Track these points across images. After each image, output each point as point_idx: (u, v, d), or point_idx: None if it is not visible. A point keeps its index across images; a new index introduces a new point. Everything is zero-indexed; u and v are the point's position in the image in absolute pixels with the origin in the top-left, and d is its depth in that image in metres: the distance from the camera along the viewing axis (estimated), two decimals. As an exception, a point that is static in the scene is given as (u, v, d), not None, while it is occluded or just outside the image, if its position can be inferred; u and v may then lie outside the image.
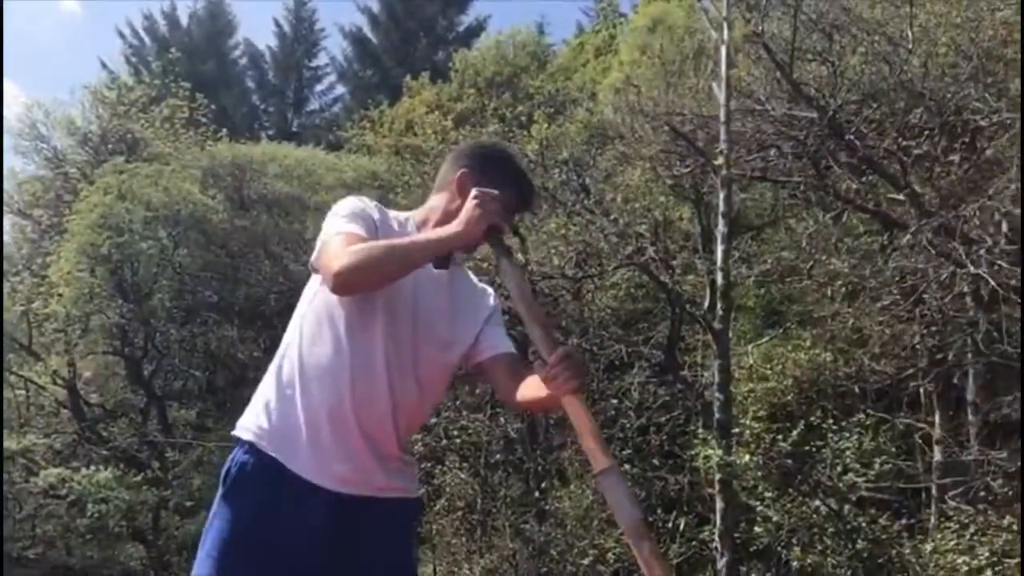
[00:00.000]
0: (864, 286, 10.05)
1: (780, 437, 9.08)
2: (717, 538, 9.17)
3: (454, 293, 2.02)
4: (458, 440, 12.83)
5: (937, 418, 13.54)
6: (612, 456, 1.77)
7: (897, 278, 9.78)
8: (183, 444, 18.66)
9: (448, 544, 12.98)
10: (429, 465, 12.52)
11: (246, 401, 2.05)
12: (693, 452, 10.23)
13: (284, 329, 2.14)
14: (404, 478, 1.97)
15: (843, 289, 10.35)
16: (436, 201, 2.08)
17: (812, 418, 9.29)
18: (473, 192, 1.88)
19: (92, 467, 15.72)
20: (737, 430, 9.21)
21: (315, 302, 1.98)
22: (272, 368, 1.98)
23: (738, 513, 9.44)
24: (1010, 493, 10.15)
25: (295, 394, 1.88)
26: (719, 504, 9.15)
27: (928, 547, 9.12)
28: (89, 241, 15.31)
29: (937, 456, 13.11)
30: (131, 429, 18.06)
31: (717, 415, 9.20)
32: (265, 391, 1.96)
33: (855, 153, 9.45)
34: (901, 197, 9.45)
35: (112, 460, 16.84)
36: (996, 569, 8.49)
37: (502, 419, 15.22)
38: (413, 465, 2.04)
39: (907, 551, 9.31)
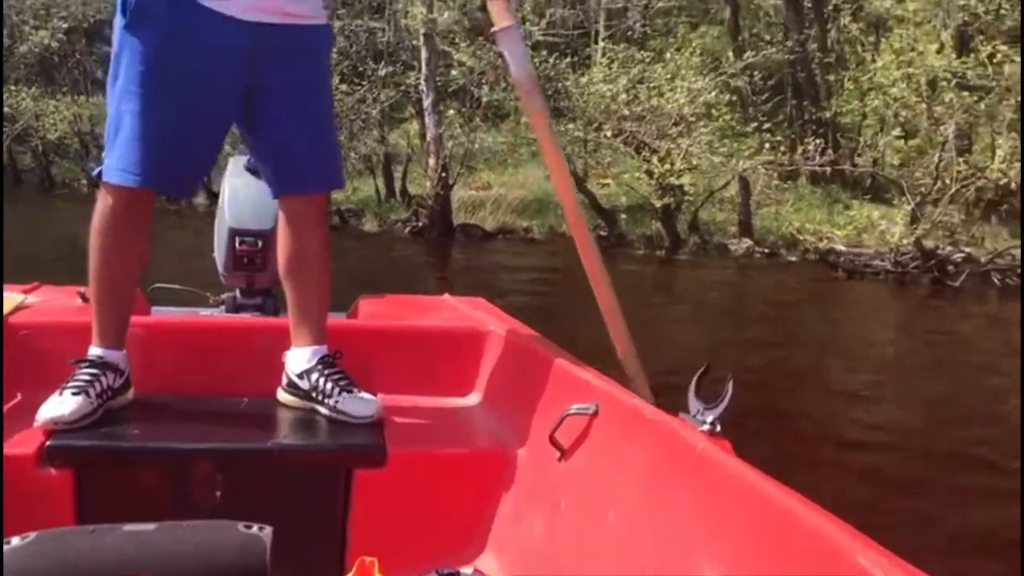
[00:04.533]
0: None
1: (473, -7, 11.27)
2: (424, 82, 11.61)
3: None
4: None
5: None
6: (515, 16, 1.88)
7: None
8: None
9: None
10: None
11: None
12: (398, 7, 12.24)
13: None
14: (311, 4, 1.97)
15: None
16: None
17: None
18: None
19: None
20: (439, -10, 11.26)
21: None
22: None
23: (438, 60, 11.86)
24: (648, 33, 13.38)
25: None
26: (424, 54, 11.46)
27: (584, 79, 12.20)
28: None
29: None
30: None
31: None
32: None
33: None
34: None
35: None
36: (630, 93, 11.75)
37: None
38: None
39: (569, 83, 12.36)
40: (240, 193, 2.64)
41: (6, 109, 15.56)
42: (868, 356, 6.72)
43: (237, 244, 2.61)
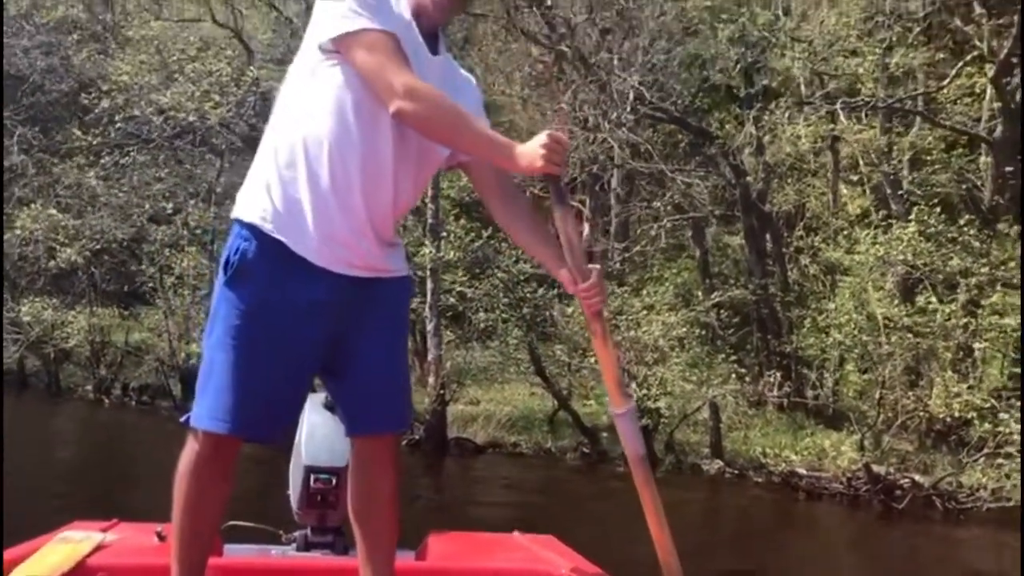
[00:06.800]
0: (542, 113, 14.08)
1: (474, 235, 13.17)
2: (427, 309, 13.24)
3: (446, 82, 2.03)
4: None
5: (588, 202, 18.46)
6: (629, 398, 1.98)
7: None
8: None
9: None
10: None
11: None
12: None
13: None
14: (399, 260, 2.08)
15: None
16: None
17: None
18: (546, 136, 1.89)
19: None
20: (445, 233, 13.13)
21: (320, 79, 1.94)
22: (267, 147, 1.98)
23: (441, 290, 13.57)
24: (626, 271, 15.28)
25: (299, 175, 1.91)
26: (430, 284, 13.15)
27: (570, 309, 13.85)
28: None
29: (585, 231, 18.10)
30: None
31: (430, 221, 13.02)
32: (264, 172, 1.96)
33: None
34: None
35: None
36: (610, 323, 13.34)
37: None
38: (402, 246, 2.14)
39: (556, 312, 14.01)
40: (317, 431, 2.72)
41: (26, 318, 16.67)
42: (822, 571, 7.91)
43: (312, 481, 2.67)
